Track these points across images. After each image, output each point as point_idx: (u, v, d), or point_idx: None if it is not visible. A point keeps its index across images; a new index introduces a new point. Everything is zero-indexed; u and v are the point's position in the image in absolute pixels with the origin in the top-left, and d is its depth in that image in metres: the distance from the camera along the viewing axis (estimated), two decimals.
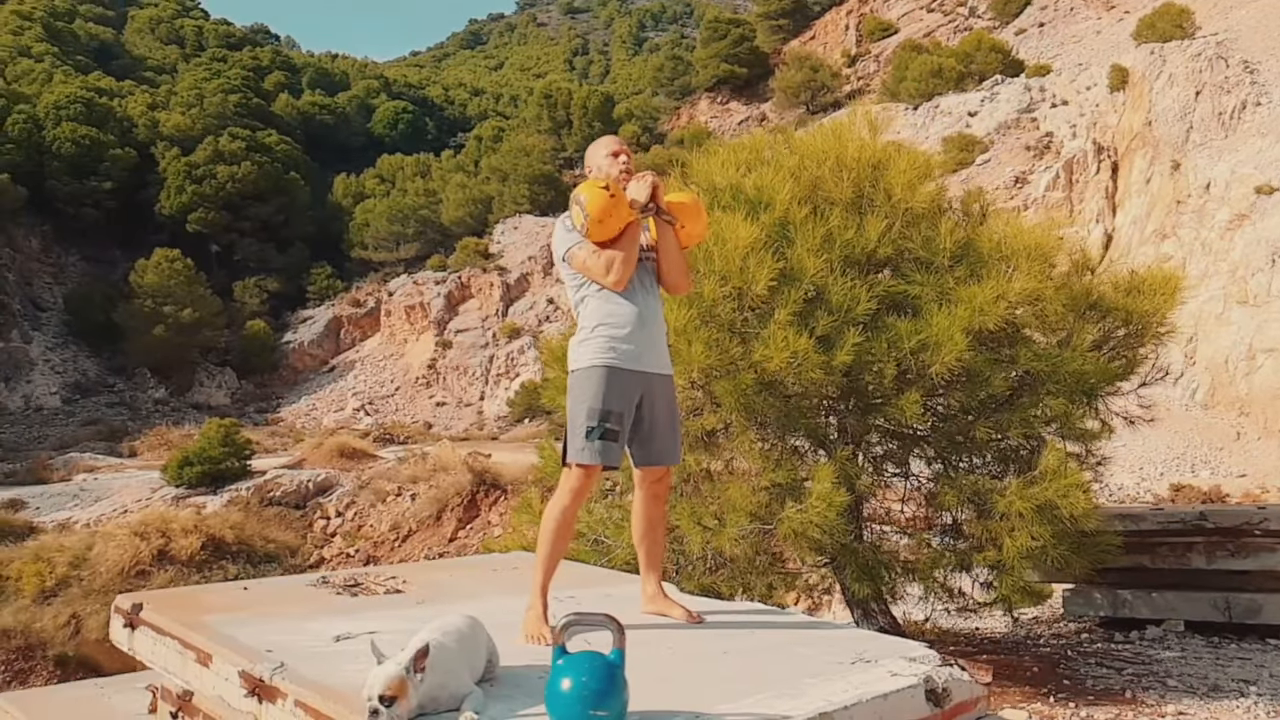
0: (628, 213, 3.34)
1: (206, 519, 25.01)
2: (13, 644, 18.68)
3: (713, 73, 48.26)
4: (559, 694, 2.25)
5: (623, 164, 3.54)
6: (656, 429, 3.46)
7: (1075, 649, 5.93)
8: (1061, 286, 4.65)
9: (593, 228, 3.31)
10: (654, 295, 3.53)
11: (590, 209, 3.28)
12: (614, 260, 3.34)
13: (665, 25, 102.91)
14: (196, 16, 78.78)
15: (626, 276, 3.37)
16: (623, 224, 3.34)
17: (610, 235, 3.34)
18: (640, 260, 3.47)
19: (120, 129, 49.33)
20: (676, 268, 3.54)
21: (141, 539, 22.89)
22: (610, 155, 3.56)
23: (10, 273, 44.54)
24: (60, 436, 37.39)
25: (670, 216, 3.47)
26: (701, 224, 3.61)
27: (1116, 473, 15.02)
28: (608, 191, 3.30)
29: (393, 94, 72.37)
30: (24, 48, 57.56)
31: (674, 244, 3.51)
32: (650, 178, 3.45)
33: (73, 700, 3.43)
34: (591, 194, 3.30)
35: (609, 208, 3.28)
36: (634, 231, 3.38)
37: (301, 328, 47.07)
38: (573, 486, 3.31)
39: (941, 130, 36.02)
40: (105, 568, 21.07)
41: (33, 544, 23.44)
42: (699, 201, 3.63)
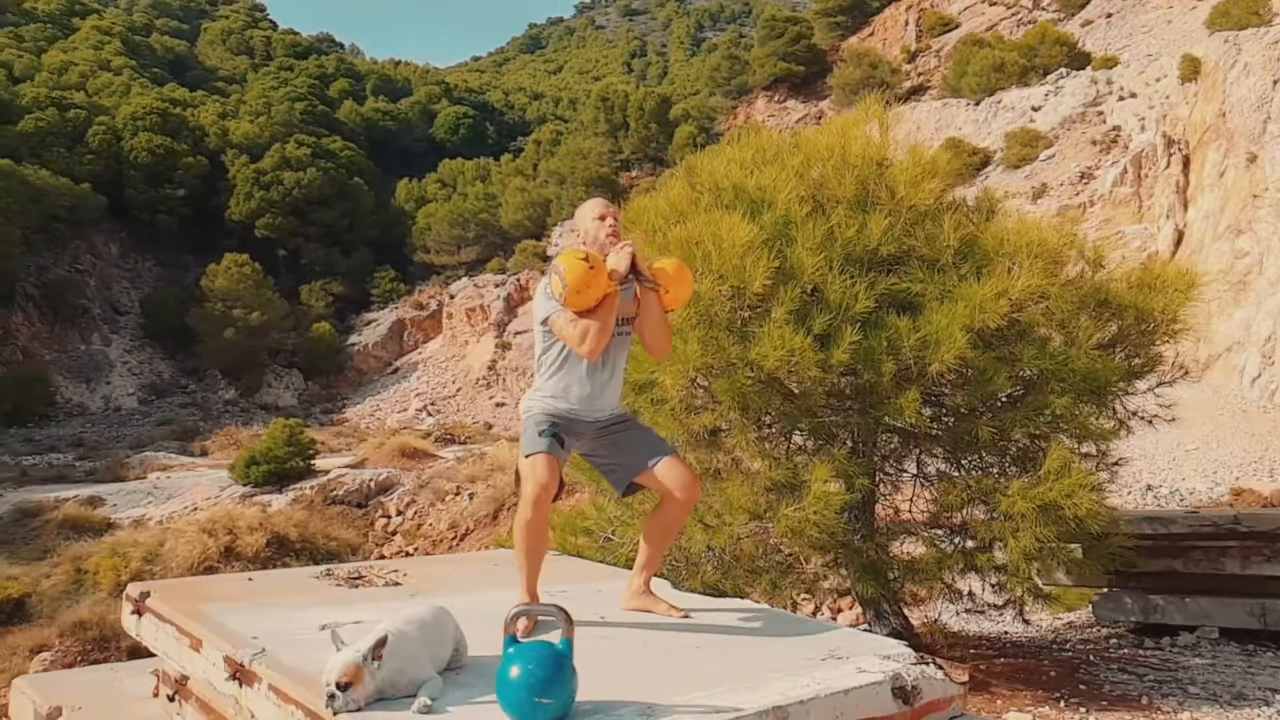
0: (606, 284, 3.38)
1: (271, 517, 25.70)
2: (89, 635, 19.31)
3: (770, 71, 48.00)
4: (507, 682, 2.33)
5: (609, 227, 3.58)
6: (626, 443, 3.55)
7: (1100, 654, 5.82)
8: (1067, 284, 4.58)
9: (570, 297, 3.36)
10: (616, 374, 3.60)
11: (569, 279, 3.33)
12: (589, 331, 3.39)
13: (723, 25, 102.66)
14: (265, 27, 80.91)
15: (600, 347, 3.43)
16: (600, 294, 3.38)
17: (588, 305, 3.39)
18: (620, 334, 3.54)
19: (193, 138, 50.95)
20: (657, 332, 3.59)
21: (209, 536, 23.63)
22: (597, 219, 3.60)
23: (91, 278, 46.28)
24: (136, 436, 38.68)
25: (652, 283, 3.51)
26: (685, 287, 3.64)
27: (1189, 476, 14.60)
28: (586, 263, 3.35)
29: (454, 99, 73.44)
30: (104, 62, 59.74)
31: (656, 309, 3.55)
32: (629, 249, 3.48)
33: (87, 683, 3.62)
34: (570, 264, 3.35)
35: (587, 279, 3.33)
36: (611, 302, 3.42)
37: (366, 330, 48.06)
38: (528, 496, 3.35)
39: (1004, 126, 35.36)
40: (176, 563, 21.77)
41: (109, 540, 24.37)
42: (683, 265, 3.67)
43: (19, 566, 21.64)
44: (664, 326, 3.60)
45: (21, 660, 16.40)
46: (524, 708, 2.29)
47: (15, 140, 45.14)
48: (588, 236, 3.61)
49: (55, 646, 17.84)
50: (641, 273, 3.51)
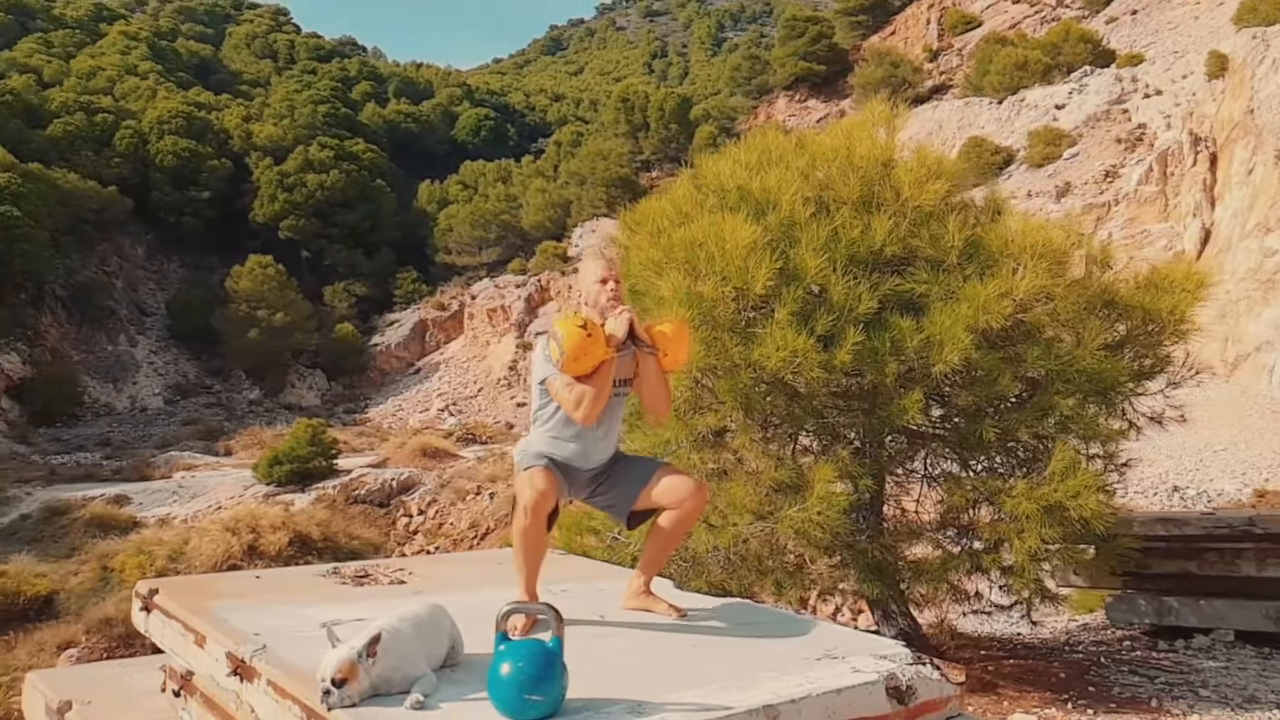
0: (603, 351, 3.40)
1: (294, 516, 25.90)
2: (114, 632, 19.51)
3: (791, 71, 47.88)
4: (498, 679, 2.36)
5: (610, 291, 3.56)
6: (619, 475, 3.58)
7: (1112, 656, 5.78)
8: (1072, 284, 4.55)
9: (567, 364, 3.37)
10: (611, 433, 3.62)
11: (566, 346, 3.34)
12: (584, 397, 3.41)
13: (744, 25, 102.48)
14: (289, 31, 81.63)
15: (595, 414, 3.45)
16: (597, 361, 3.40)
17: (584, 371, 3.40)
18: (616, 394, 3.55)
19: (217, 141, 51.48)
20: (656, 395, 3.60)
21: (233, 534, 23.85)
22: (599, 281, 3.59)
23: (118, 280, 46.87)
24: (162, 435, 39.10)
25: (650, 348, 3.52)
26: (684, 350, 3.64)
27: (1216, 477, 14.43)
28: (584, 330, 3.36)
29: (475, 101, 73.76)
30: (131, 66, 60.48)
31: (655, 372, 3.56)
32: (628, 314, 3.49)
33: (96, 678, 3.69)
34: (568, 331, 3.37)
35: (584, 346, 3.34)
36: (607, 369, 3.43)
37: (388, 330, 48.40)
38: (524, 502, 3.38)
39: (1027, 124, 35.09)
40: (200, 561, 21.98)
41: (135, 538, 24.66)
42: (682, 327, 3.67)
43: (47, 564, 21.91)
44: (663, 389, 3.60)
45: (49, 656, 16.60)
46: (514, 705, 2.32)
47: (44, 144, 45.79)
48: (588, 297, 3.61)
49: (82, 643, 18.03)
50: (639, 337, 3.52)
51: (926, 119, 39.12)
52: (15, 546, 24.05)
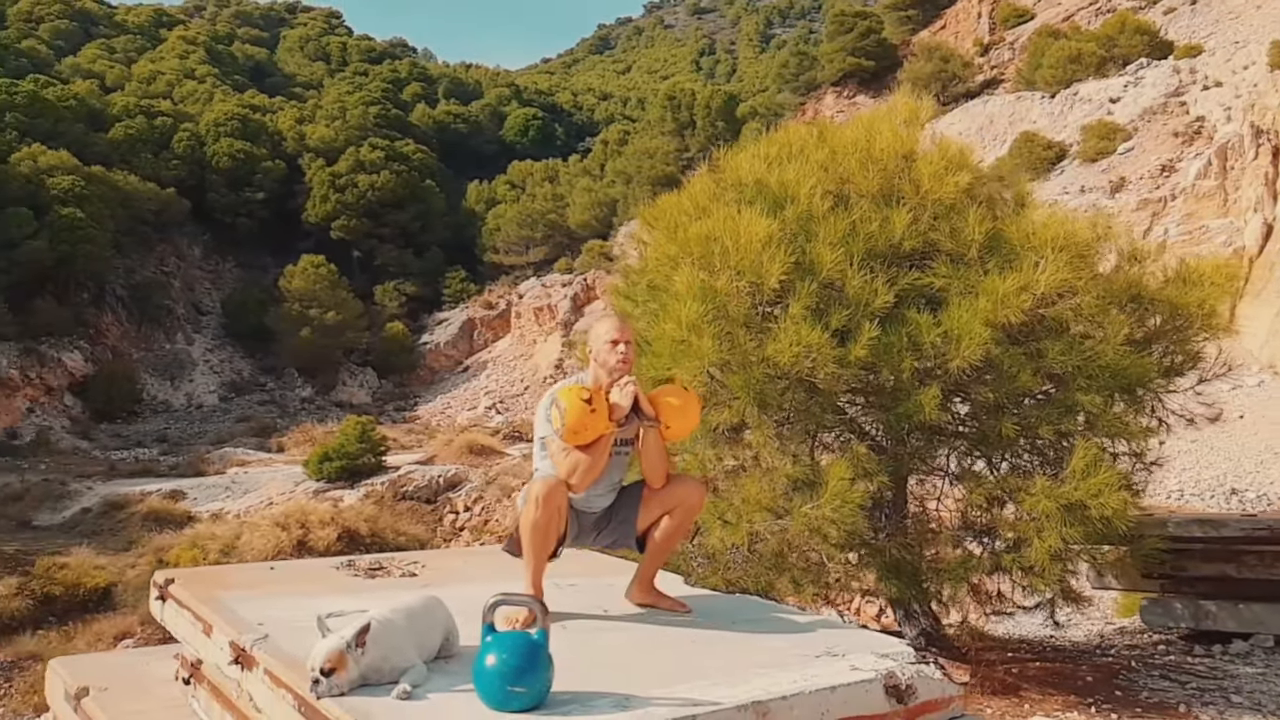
0: (604, 425, 3.41)
1: (343, 512, 26.31)
2: None
3: (839, 67, 47.42)
4: (482, 670, 2.38)
5: (620, 354, 3.54)
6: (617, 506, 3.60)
7: (1143, 660, 5.64)
8: (1095, 278, 4.43)
9: (567, 434, 3.40)
10: (614, 488, 3.63)
11: (568, 419, 3.37)
12: (578, 467, 3.42)
13: (793, 21, 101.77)
14: (341, 34, 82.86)
15: (587, 484, 3.47)
16: (596, 435, 3.42)
17: (583, 443, 3.42)
18: (612, 455, 3.55)
19: (271, 142, 52.47)
20: (656, 467, 3.59)
21: (283, 530, 24.30)
22: (609, 343, 3.57)
23: (176, 279, 48.01)
24: (217, 432, 39.95)
25: (653, 421, 3.52)
26: (688, 421, 3.64)
27: (1278, 479, 14.00)
28: (588, 405, 3.37)
29: (523, 101, 74.21)
30: (189, 70, 61.90)
31: (655, 444, 3.56)
32: (632, 388, 3.48)
33: (116, 665, 3.79)
34: (571, 403, 3.39)
35: (585, 421, 3.36)
36: (605, 442, 3.45)
37: (437, 329, 48.94)
38: (535, 494, 3.41)
39: (1080, 118, 34.37)
40: (251, 555, 22.42)
41: (189, 532, 25.26)
42: (689, 398, 3.66)
43: (106, 557, 22.49)
44: (662, 461, 3.59)
45: (106, 646, 17.05)
46: (497, 696, 2.34)
47: (106, 148, 47.05)
48: (598, 356, 3.59)
49: (137, 634, 18.48)
50: (643, 410, 3.52)
51: (976, 114, 38.52)
52: (76, 539, 24.75)
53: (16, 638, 16.93)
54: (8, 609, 17.44)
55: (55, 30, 65.79)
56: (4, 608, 17.44)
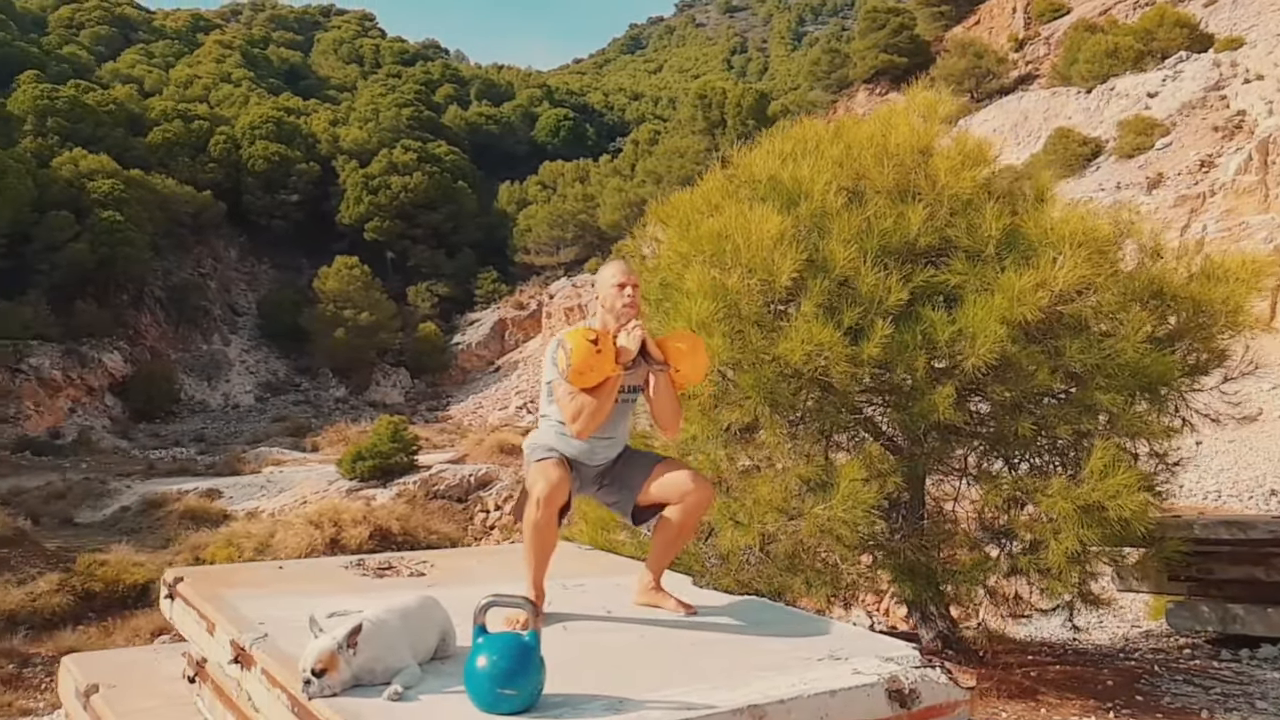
0: (610, 367, 3.37)
1: (375, 511, 26.54)
2: None
3: (871, 64, 47.09)
4: (473, 672, 2.37)
5: (627, 297, 3.54)
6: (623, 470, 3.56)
7: (1167, 664, 5.52)
8: (1115, 274, 4.33)
9: (572, 376, 3.36)
10: (618, 437, 3.59)
11: (573, 360, 3.33)
12: (582, 410, 3.38)
13: (825, 18, 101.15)
14: (374, 36, 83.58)
15: (590, 430, 3.43)
16: (603, 377, 3.37)
17: (589, 385, 3.38)
18: (619, 402, 3.52)
19: (305, 145, 53.04)
20: (667, 411, 3.56)
21: (316, 528, 24.55)
22: (616, 286, 3.57)
23: (212, 281, 48.71)
24: (253, 432, 40.47)
25: (661, 365, 3.49)
26: (698, 365, 3.59)
27: None
28: (594, 345, 3.34)
29: (554, 102, 74.41)
30: (225, 74, 62.74)
31: (665, 388, 3.52)
32: (639, 331, 3.45)
33: (127, 662, 3.83)
34: (577, 345, 3.35)
35: (591, 362, 3.32)
36: (612, 385, 3.41)
37: (469, 330, 49.24)
38: (537, 494, 3.37)
39: (1117, 114, 33.84)
40: (285, 554, 22.64)
41: (225, 530, 25.60)
42: (697, 342, 3.62)
43: (144, 554, 22.82)
44: (673, 405, 3.56)
45: (143, 641, 17.28)
46: (488, 698, 2.32)
47: (145, 151, 47.83)
48: (605, 300, 3.58)
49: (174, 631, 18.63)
50: (651, 354, 3.49)
51: (1011, 110, 38.07)
52: (115, 537, 25.15)
53: (58, 633, 17.22)
54: (49, 605, 17.75)
55: (95, 36, 66.96)
56: (46, 603, 17.76)
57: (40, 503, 28.17)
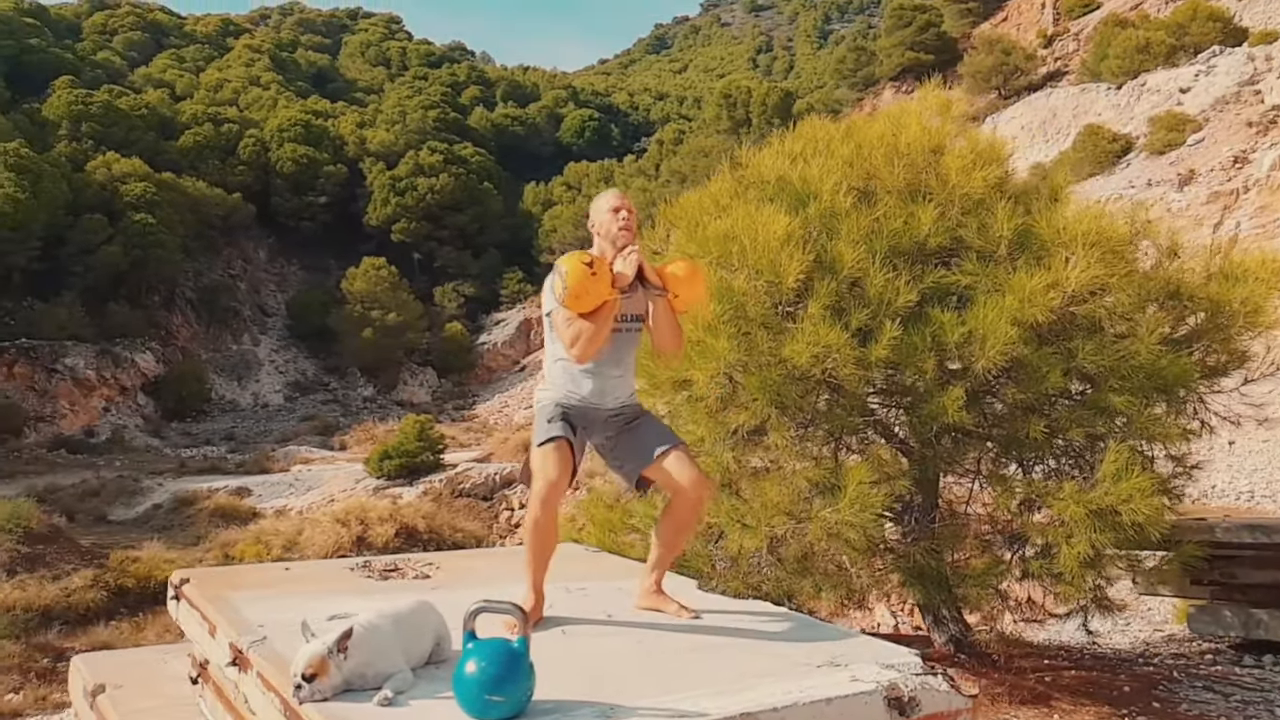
0: (606, 290, 3.34)
1: (401, 509, 26.72)
2: None
3: (897, 61, 46.75)
4: (462, 678, 2.36)
5: (622, 220, 3.52)
6: (637, 432, 3.52)
7: (1187, 670, 5.42)
8: (1129, 274, 4.25)
9: (569, 300, 3.34)
10: (626, 370, 3.56)
11: (569, 282, 3.30)
12: (581, 334, 3.36)
13: (851, 16, 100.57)
14: (401, 39, 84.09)
15: (590, 354, 3.39)
16: (599, 300, 3.34)
17: (586, 309, 3.35)
18: (625, 331, 3.50)
19: (333, 147, 53.48)
20: (668, 336, 3.54)
21: (343, 526, 24.76)
22: (611, 210, 3.55)
23: (242, 282, 49.26)
24: (282, 431, 40.87)
25: (659, 290, 3.47)
26: (696, 290, 3.57)
27: None
28: (589, 268, 3.31)
29: (580, 103, 74.49)
30: (254, 78, 63.37)
31: (664, 313, 3.50)
32: (635, 256, 3.44)
33: (135, 663, 3.87)
34: (572, 267, 3.32)
35: (586, 284, 3.29)
36: (609, 310, 3.38)
37: (495, 329, 49.47)
38: (538, 493, 3.36)
39: (1148, 110, 33.37)
40: (312, 551, 22.87)
41: (254, 528, 25.89)
42: (694, 267, 3.59)
43: (175, 551, 23.11)
44: (673, 331, 3.54)
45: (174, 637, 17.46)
46: (476, 704, 2.32)
47: (176, 155, 48.46)
48: (600, 227, 3.57)
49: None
50: (648, 279, 3.47)
51: (1039, 107, 37.64)
52: (148, 534, 25.51)
53: (91, 628, 17.48)
54: (84, 600, 18.04)
55: (128, 42, 67.90)
56: (80, 599, 18.05)
57: (75, 500, 28.63)
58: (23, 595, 17.43)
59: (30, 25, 58.69)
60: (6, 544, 19.17)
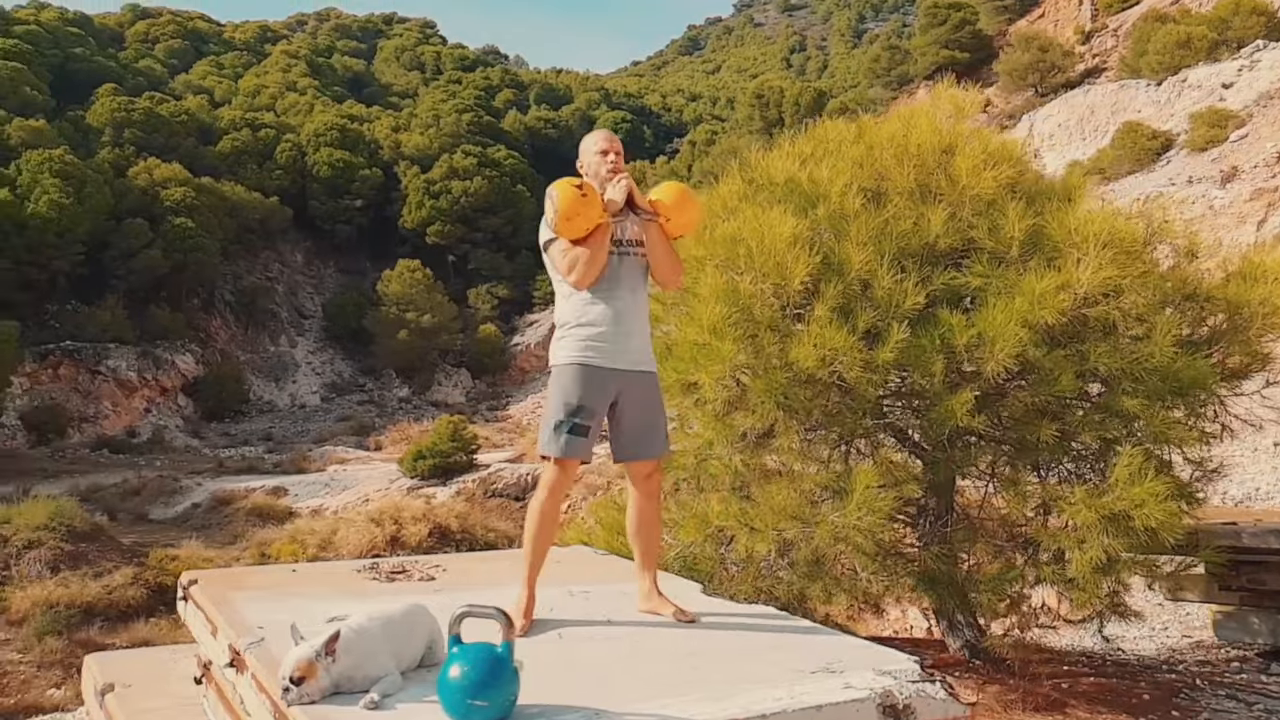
0: (597, 213, 3.34)
1: (435, 509, 26.91)
2: None
3: (932, 60, 46.28)
4: (446, 682, 2.37)
5: (610, 162, 3.54)
6: (636, 424, 3.50)
7: (1211, 678, 5.30)
8: (1142, 274, 4.16)
9: (561, 225, 3.35)
10: (637, 293, 3.53)
11: (560, 205, 3.31)
12: (577, 260, 3.36)
13: (886, 15, 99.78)
14: (435, 43, 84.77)
15: (589, 278, 3.39)
16: (592, 224, 3.34)
17: (579, 234, 3.36)
18: (627, 255, 3.50)
19: (369, 151, 54.03)
20: (664, 262, 3.54)
21: (377, 526, 24.99)
22: (599, 152, 3.58)
23: (279, 285, 49.92)
24: (319, 431, 41.32)
25: (650, 214, 3.47)
26: (689, 213, 3.56)
27: None
28: (580, 191, 3.32)
29: (612, 105, 74.64)
30: (291, 83, 64.22)
31: (659, 239, 3.50)
32: (625, 181, 3.45)
33: (147, 662, 3.92)
34: (562, 191, 3.33)
35: (577, 206, 3.30)
36: (602, 234, 3.38)
37: (528, 331, 49.70)
38: (547, 481, 3.43)
39: (1189, 106, 32.77)
40: (347, 551, 23.10)
41: (290, 527, 26.21)
42: (684, 191, 3.59)
43: (213, 549, 23.45)
44: (669, 256, 3.54)
45: None
46: (459, 709, 2.32)
47: (215, 160, 49.24)
48: (589, 169, 3.59)
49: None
50: (639, 205, 3.47)
51: (1077, 104, 37.08)
52: (186, 533, 25.91)
53: (132, 624, 17.77)
54: (124, 597, 18.36)
55: (169, 50, 69.10)
56: (121, 596, 18.38)
57: (117, 499, 29.16)
58: (66, 592, 17.77)
59: (74, 34, 59.96)
60: (51, 542, 19.55)
